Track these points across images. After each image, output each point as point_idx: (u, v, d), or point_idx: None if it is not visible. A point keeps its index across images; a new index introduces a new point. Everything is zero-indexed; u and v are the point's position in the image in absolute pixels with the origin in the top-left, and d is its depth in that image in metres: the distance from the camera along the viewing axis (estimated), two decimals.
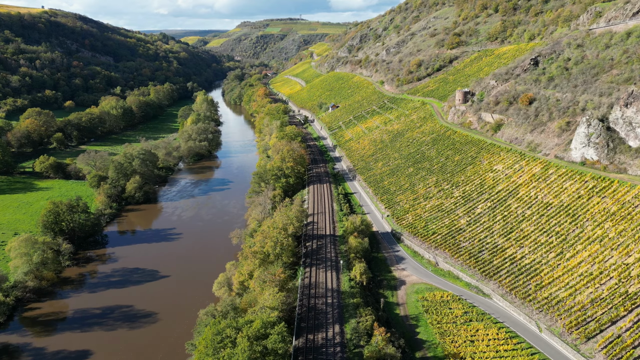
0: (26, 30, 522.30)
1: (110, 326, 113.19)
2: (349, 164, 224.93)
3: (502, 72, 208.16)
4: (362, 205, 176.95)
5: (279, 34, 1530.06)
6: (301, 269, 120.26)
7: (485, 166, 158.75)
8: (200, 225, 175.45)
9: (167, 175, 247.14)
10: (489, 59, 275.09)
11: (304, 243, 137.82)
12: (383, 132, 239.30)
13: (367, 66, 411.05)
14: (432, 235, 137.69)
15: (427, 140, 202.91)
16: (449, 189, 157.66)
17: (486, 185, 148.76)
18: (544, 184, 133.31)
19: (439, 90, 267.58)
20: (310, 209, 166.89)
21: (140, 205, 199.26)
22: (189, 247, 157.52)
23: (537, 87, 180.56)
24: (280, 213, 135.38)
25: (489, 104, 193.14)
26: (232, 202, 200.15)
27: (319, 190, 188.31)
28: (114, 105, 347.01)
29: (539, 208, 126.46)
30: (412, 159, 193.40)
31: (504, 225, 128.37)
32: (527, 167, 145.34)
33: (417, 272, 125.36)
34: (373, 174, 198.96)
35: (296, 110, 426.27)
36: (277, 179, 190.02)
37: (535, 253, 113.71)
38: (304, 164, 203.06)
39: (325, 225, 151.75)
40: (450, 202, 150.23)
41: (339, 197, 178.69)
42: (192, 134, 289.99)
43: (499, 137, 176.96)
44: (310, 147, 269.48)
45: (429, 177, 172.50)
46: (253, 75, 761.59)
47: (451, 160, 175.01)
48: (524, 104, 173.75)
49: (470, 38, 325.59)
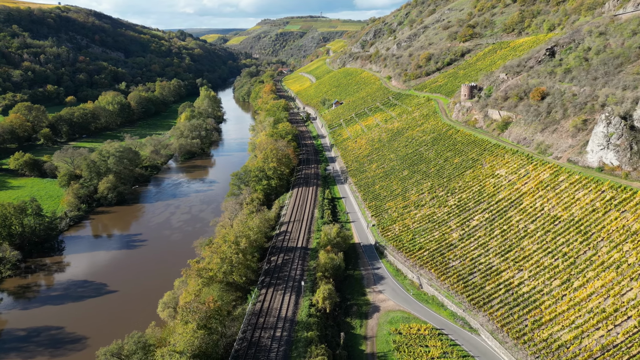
0: (35, 25, 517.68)
1: (29, 353, 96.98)
2: (342, 165, 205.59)
3: (513, 65, 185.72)
4: (348, 212, 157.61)
5: (298, 31, 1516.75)
6: (255, 290, 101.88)
7: (487, 170, 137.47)
8: (167, 234, 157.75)
9: (152, 174, 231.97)
10: (504, 51, 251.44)
11: (268, 257, 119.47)
12: (382, 131, 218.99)
13: (376, 61, 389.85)
14: (418, 250, 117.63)
15: (427, 139, 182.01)
16: (443, 196, 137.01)
17: (485, 193, 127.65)
18: (553, 193, 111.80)
19: (447, 86, 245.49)
20: (287, 216, 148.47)
21: (113, 208, 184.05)
22: (149, 258, 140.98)
23: (551, 80, 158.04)
24: (238, 222, 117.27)
25: (497, 99, 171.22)
26: (211, 207, 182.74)
27: (303, 194, 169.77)
28: (110, 101, 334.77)
29: (545, 222, 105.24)
30: (408, 161, 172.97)
31: (501, 242, 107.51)
32: (534, 172, 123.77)
33: (395, 296, 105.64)
34: (365, 176, 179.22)
35: (301, 107, 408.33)
36: (258, 181, 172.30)
37: (536, 279, 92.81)
38: (289, 164, 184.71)
39: (299, 235, 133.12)
40: (443, 212, 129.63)
41: (323, 203, 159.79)
42: (184, 131, 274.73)
43: (505, 136, 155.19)
44: (306, 146, 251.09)
45: (424, 181, 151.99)
46: (266, 72, 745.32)
47: (450, 163, 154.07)
48: (535, 100, 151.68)
49: (485, 30, 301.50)
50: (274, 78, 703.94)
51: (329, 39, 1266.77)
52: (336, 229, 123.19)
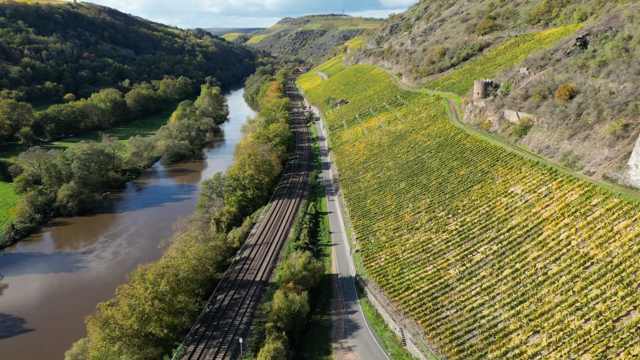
0: (42, 21, 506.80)
1: None
2: (335, 172, 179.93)
3: (536, 57, 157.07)
4: (332, 231, 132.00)
5: (319, 29, 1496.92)
6: (180, 348, 77.30)
7: (498, 186, 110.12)
8: (119, 254, 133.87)
9: (130, 179, 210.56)
10: (527, 44, 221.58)
11: (215, 295, 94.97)
12: (384, 134, 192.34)
13: (389, 57, 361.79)
14: (405, 291, 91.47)
15: (432, 145, 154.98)
16: (443, 218, 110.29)
17: (495, 216, 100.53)
18: (583, 222, 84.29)
19: (461, 83, 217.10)
20: (255, 236, 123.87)
21: (72, 218, 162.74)
22: (87, 285, 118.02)
23: (582, 75, 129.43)
24: (177, 248, 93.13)
25: (515, 98, 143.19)
26: (181, 222, 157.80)
27: (282, 208, 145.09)
28: (103, 98, 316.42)
29: (572, 263, 78.07)
30: (407, 170, 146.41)
31: (512, 287, 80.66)
32: (558, 191, 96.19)
33: (368, 357, 79.92)
34: (357, 187, 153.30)
35: (308, 106, 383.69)
36: (232, 191, 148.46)
37: (559, 349, 66.00)
38: (271, 172, 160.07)
39: (262, 264, 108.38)
40: (440, 239, 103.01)
41: (303, 220, 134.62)
42: (172, 131, 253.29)
43: (524, 143, 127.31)
44: (302, 150, 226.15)
45: (422, 197, 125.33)
46: (280, 70, 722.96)
47: (454, 175, 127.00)
48: (562, 99, 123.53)
49: (507, 21, 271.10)
50: (287, 76, 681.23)
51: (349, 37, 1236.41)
52: (303, 260, 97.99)
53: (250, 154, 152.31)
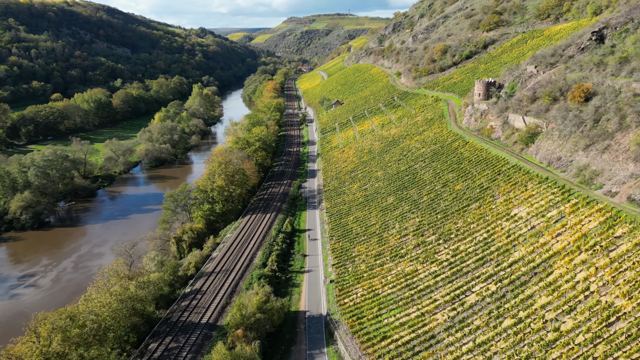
0: (34, 19, 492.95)
1: None
2: (321, 182, 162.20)
3: (546, 54, 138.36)
4: (308, 254, 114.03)
5: (324, 29, 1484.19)
6: None
7: (499, 207, 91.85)
8: (47, 287, 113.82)
9: (101, 186, 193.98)
10: (536, 41, 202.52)
11: (147, 342, 77.39)
12: (376, 138, 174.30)
13: (389, 56, 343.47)
14: (381, 340, 73.63)
15: (426, 153, 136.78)
16: (432, 244, 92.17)
17: (494, 245, 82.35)
18: (605, 260, 66.00)
19: (462, 83, 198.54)
20: (215, 262, 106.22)
21: (25, 233, 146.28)
22: (8, 323, 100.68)
23: (599, 73, 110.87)
24: (94, 291, 75.74)
25: (522, 100, 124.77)
26: (124, 245, 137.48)
27: (254, 224, 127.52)
28: (86, 98, 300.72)
29: (593, 317, 59.92)
30: (397, 182, 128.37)
31: (514, 344, 62.57)
32: (573, 216, 77.87)
33: None
34: (342, 200, 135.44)
35: (304, 107, 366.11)
36: (199, 205, 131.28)
37: None
38: (245, 183, 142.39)
39: (215, 299, 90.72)
40: (428, 272, 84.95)
41: (275, 241, 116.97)
42: (154, 134, 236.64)
43: (530, 153, 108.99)
44: (289, 155, 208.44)
45: (411, 215, 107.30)
46: (281, 70, 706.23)
47: (449, 190, 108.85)
48: (576, 101, 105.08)
49: (514, 17, 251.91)
50: (289, 76, 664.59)
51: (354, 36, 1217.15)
52: (259, 299, 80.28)
53: (220, 163, 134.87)
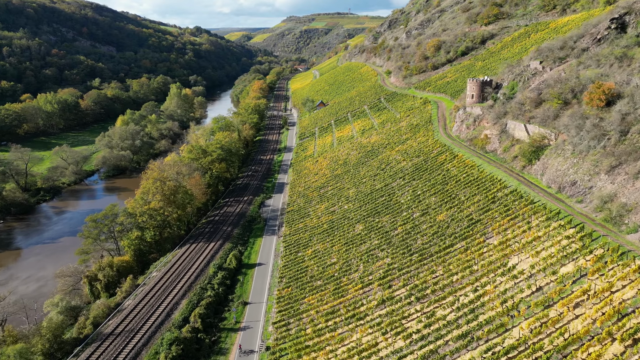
0: (11, 16, 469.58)
1: None
2: (286, 199, 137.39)
3: (554, 47, 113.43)
4: (250, 302, 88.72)
5: (323, 28, 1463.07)
6: None
7: (493, 252, 66.95)
8: None
9: (43, 200, 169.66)
10: (540, 34, 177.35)
11: None
12: (354, 147, 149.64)
13: (381, 54, 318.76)
14: None
15: (407, 168, 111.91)
16: (401, 303, 67.23)
17: (484, 315, 57.42)
18: None
19: (456, 83, 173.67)
20: (122, 315, 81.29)
21: None
22: None
23: (623, 70, 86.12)
24: None
25: (524, 104, 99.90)
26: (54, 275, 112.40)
27: (191, 257, 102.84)
28: (49, 99, 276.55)
29: None
30: (370, 205, 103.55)
31: None
32: (598, 277, 53.03)
33: None
34: (304, 226, 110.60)
35: (290, 109, 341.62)
36: (126, 232, 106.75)
37: None
38: (189, 204, 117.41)
39: None
40: (392, 350, 60.04)
41: (211, 281, 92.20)
42: (114, 139, 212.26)
43: (535, 173, 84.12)
44: (260, 164, 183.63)
45: (380, 254, 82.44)
46: (274, 69, 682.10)
47: (429, 220, 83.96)
48: (594, 105, 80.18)
49: (516, 8, 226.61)
50: (282, 75, 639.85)
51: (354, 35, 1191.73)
52: None
53: (155, 179, 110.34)
